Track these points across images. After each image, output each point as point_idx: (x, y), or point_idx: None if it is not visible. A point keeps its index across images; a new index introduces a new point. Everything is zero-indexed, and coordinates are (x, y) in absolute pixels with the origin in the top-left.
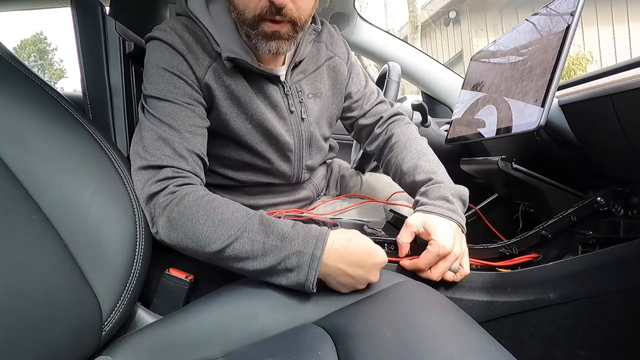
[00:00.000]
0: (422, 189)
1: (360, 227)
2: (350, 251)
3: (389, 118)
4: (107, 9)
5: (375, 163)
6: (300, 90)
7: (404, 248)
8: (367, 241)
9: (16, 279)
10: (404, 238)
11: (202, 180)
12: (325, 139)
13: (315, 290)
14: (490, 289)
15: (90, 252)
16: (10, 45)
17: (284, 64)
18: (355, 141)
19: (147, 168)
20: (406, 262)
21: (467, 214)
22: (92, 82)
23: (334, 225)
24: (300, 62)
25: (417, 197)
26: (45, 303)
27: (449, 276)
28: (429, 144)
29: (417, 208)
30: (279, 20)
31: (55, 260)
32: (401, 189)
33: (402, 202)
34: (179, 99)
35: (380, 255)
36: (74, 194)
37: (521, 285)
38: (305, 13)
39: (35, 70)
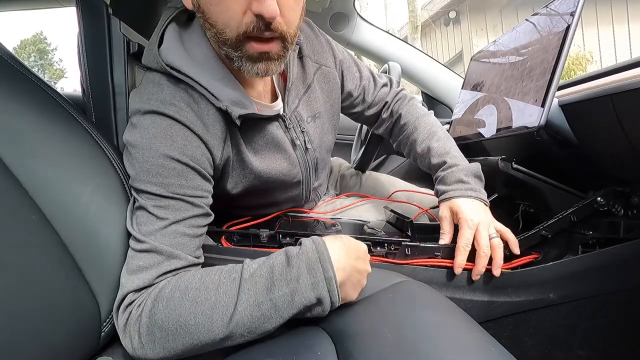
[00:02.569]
0: (439, 173)
1: (360, 227)
2: (347, 245)
3: (392, 99)
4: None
5: (375, 163)
6: (300, 119)
7: (449, 237)
8: (347, 235)
9: (15, 279)
10: (446, 229)
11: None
12: (330, 150)
13: (340, 303)
14: (490, 289)
15: (89, 252)
16: (10, 45)
17: (277, 97)
18: (355, 141)
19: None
20: (451, 243)
21: None
22: (95, 82)
23: (333, 225)
24: (291, 86)
25: (436, 187)
26: (44, 303)
27: (496, 242)
28: None
29: (440, 198)
30: (268, 37)
31: (54, 261)
32: (401, 188)
33: (402, 201)
34: (188, 193)
35: (362, 243)
36: (73, 194)
37: (521, 285)
38: (294, 26)
39: (35, 70)
